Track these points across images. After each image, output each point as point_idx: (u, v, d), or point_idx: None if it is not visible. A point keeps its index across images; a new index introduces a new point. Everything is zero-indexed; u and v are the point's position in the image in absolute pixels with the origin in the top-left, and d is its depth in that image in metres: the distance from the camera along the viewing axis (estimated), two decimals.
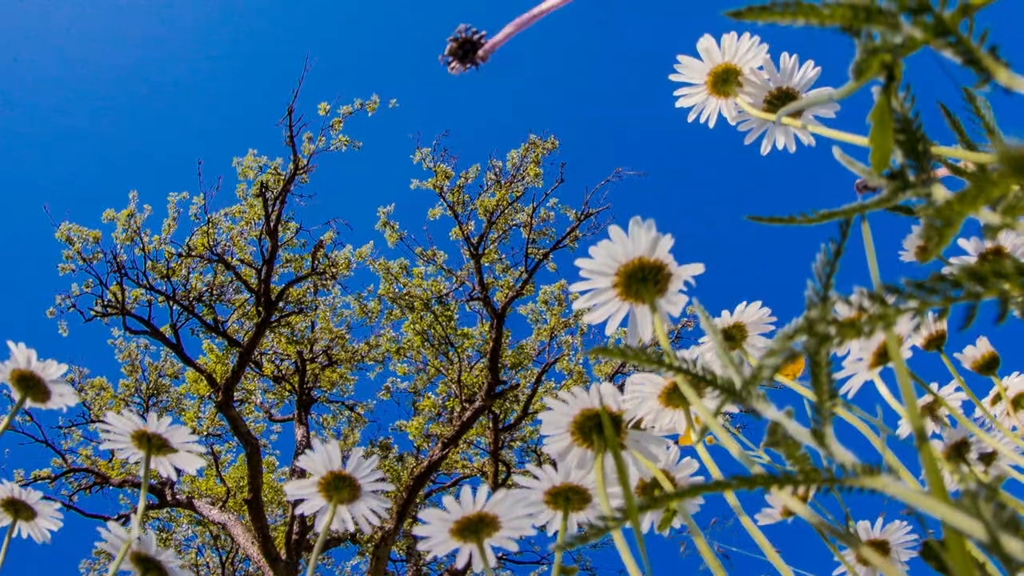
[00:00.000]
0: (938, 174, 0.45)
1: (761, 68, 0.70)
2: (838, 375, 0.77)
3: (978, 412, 0.81)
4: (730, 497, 0.57)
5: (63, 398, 0.73)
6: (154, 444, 0.72)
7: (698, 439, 0.61)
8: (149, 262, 8.03)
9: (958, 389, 0.82)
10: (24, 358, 0.70)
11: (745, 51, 0.69)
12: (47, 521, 0.76)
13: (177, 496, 7.91)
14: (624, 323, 0.61)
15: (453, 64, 0.44)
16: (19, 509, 0.75)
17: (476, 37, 0.43)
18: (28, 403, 0.72)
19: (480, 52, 0.43)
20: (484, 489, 0.60)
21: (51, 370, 0.71)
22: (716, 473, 0.59)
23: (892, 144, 0.35)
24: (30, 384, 0.71)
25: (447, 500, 0.60)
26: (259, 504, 6.64)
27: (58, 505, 0.77)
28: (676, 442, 0.68)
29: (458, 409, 8.32)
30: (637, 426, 0.64)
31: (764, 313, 0.75)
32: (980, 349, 0.83)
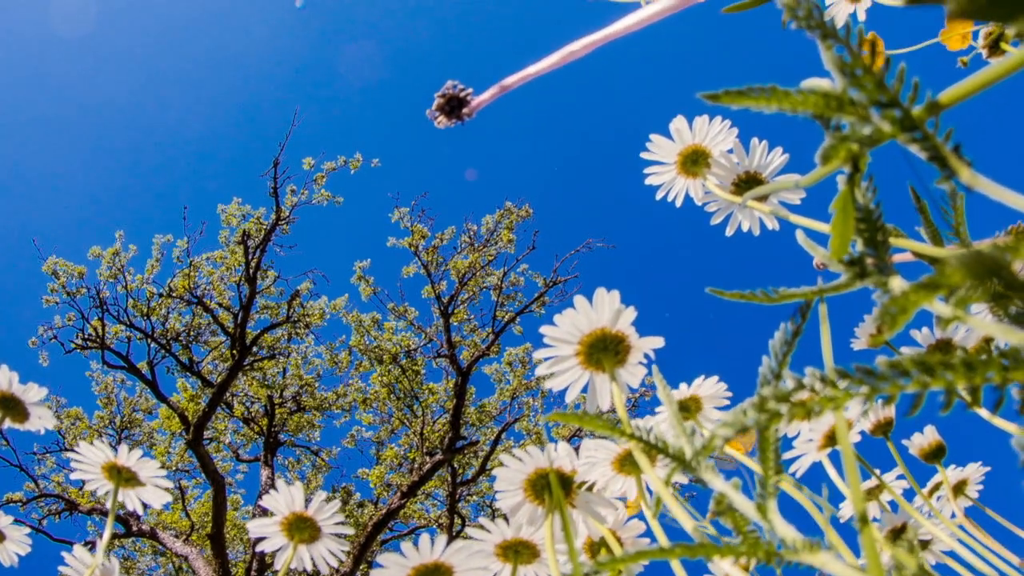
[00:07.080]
0: (897, 259, 0.47)
1: (731, 151, 0.71)
2: (788, 454, 0.78)
3: (919, 500, 0.82)
4: (675, 563, 0.58)
5: (42, 420, 0.74)
6: (123, 476, 0.73)
7: (654, 512, 0.61)
8: (131, 300, 8.08)
9: (901, 476, 0.84)
10: (6, 380, 0.72)
11: (716, 133, 0.71)
12: (15, 545, 0.77)
13: (142, 527, 7.81)
14: (585, 389, 0.62)
15: (439, 119, 0.45)
16: None
17: (463, 94, 0.44)
18: (7, 423, 0.73)
19: (466, 109, 0.44)
20: (442, 538, 0.59)
21: (31, 393, 0.72)
22: (661, 536, 0.59)
23: (853, 232, 0.36)
24: (10, 405, 0.72)
25: (406, 546, 0.59)
26: (222, 540, 6.62)
27: (27, 530, 0.78)
28: (625, 504, 0.69)
29: (419, 461, 8.28)
30: (590, 489, 0.65)
31: (720, 388, 0.75)
32: (927, 437, 0.84)
